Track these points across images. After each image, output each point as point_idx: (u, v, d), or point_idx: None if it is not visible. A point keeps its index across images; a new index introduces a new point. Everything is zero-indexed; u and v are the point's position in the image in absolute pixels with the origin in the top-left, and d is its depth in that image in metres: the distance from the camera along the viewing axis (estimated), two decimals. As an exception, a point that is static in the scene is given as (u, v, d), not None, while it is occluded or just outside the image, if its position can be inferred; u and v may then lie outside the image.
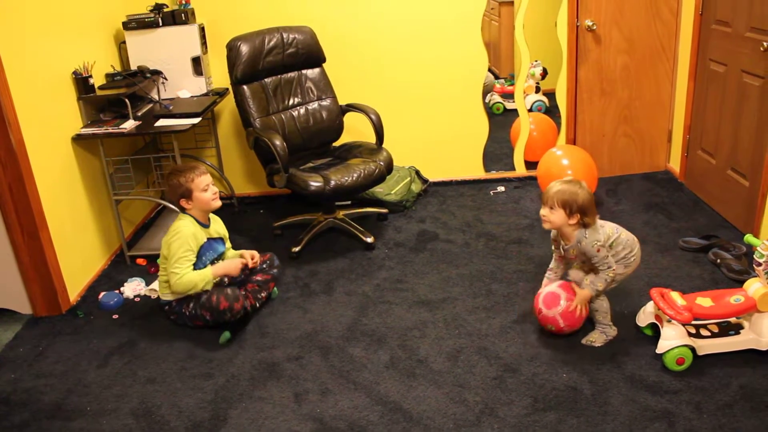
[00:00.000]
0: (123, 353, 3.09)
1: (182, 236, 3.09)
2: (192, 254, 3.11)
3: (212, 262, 3.25)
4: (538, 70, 5.67)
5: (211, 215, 3.30)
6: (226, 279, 3.27)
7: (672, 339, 2.67)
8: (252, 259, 3.33)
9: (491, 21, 6.68)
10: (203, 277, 3.11)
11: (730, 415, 2.44)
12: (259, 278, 3.35)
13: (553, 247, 3.01)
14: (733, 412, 2.46)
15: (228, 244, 3.42)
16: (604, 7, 4.33)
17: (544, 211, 2.82)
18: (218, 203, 3.22)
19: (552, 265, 3.05)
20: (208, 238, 3.23)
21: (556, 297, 2.89)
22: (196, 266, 3.15)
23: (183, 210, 3.19)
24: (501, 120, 5.76)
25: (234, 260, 3.27)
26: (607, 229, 2.84)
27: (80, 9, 3.80)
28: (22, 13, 3.27)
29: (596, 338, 2.92)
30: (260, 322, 3.25)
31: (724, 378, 2.63)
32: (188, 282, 3.08)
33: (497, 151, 5.05)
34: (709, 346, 2.73)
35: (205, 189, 3.15)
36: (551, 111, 5.37)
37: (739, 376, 2.64)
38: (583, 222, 2.78)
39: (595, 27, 4.35)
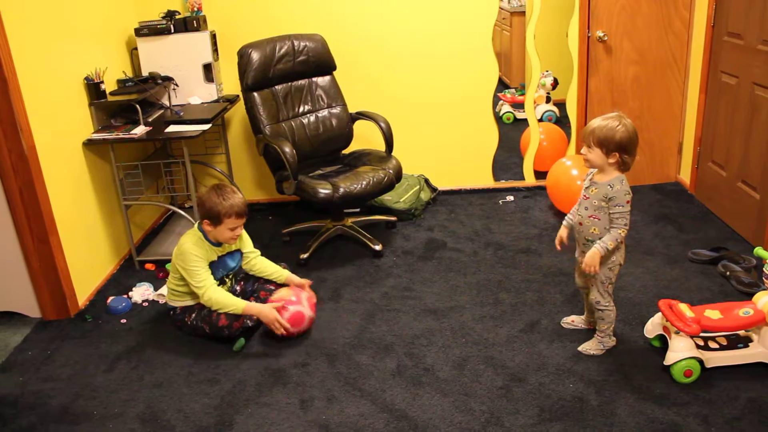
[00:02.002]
0: (130, 358, 3.10)
1: (187, 252, 3.07)
2: (204, 263, 3.10)
3: (222, 279, 3.24)
4: (549, 80, 5.67)
5: None
6: (249, 322, 3.10)
7: (680, 351, 2.65)
8: (304, 287, 3.27)
9: (502, 31, 6.70)
10: (234, 305, 3.06)
11: (738, 429, 2.42)
12: (272, 287, 3.35)
13: (584, 187, 2.80)
14: (741, 425, 2.44)
15: (249, 250, 3.35)
16: (616, 19, 4.33)
17: (583, 150, 2.71)
18: (234, 243, 3.21)
19: (575, 207, 2.86)
20: (220, 255, 3.22)
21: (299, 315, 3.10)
22: None
23: (200, 225, 3.16)
24: (511, 130, 5.77)
25: (271, 312, 3.06)
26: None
27: (93, 15, 3.84)
28: (35, 20, 3.31)
29: (592, 347, 2.90)
30: (267, 329, 3.24)
31: (733, 391, 2.61)
32: (216, 299, 3.05)
33: (507, 161, 5.05)
34: (718, 358, 2.71)
35: (233, 229, 3.10)
36: (561, 121, 5.37)
37: (748, 389, 2.62)
38: (622, 160, 2.63)
39: (606, 38, 4.35)
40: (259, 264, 3.36)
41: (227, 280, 3.31)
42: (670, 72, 4.46)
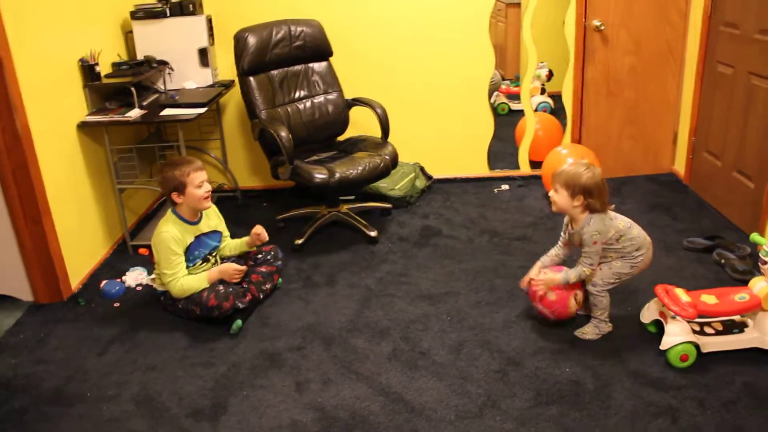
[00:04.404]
0: (124, 341, 3.08)
1: (163, 243, 3.08)
2: (178, 257, 3.10)
3: (205, 258, 3.24)
4: (544, 72, 5.66)
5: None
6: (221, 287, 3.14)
7: (676, 335, 2.66)
8: (259, 234, 3.31)
9: (498, 22, 6.68)
10: (199, 284, 3.10)
11: (733, 412, 2.43)
12: (263, 270, 3.34)
13: (562, 231, 2.96)
14: (737, 408, 2.45)
15: (225, 234, 3.40)
16: (613, 8, 4.33)
17: (551, 193, 2.81)
18: (209, 204, 3.19)
19: (553, 249, 3.01)
20: (198, 235, 3.21)
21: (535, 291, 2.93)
22: (186, 266, 3.14)
23: (173, 203, 3.15)
24: (506, 120, 5.75)
25: (230, 265, 3.21)
26: (617, 222, 2.79)
27: (88, -3, 3.80)
28: (31, 0, 3.28)
29: (588, 331, 2.91)
30: (262, 313, 3.24)
31: (728, 375, 2.62)
32: (183, 288, 3.08)
33: (502, 150, 5.03)
34: (713, 343, 2.72)
35: (200, 186, 3.10)
36: (556, 113, 5.36)
37: (743, 373, 2.63)
38: (588, 204, 2.73)
39: (603, 27, 4.35)
40: (230, 244, 3.40)
41: (211, 258, 3.30)
42: (666, 62, 4.46)
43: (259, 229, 3.32)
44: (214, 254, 3.32)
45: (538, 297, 2.90)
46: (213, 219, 3.32)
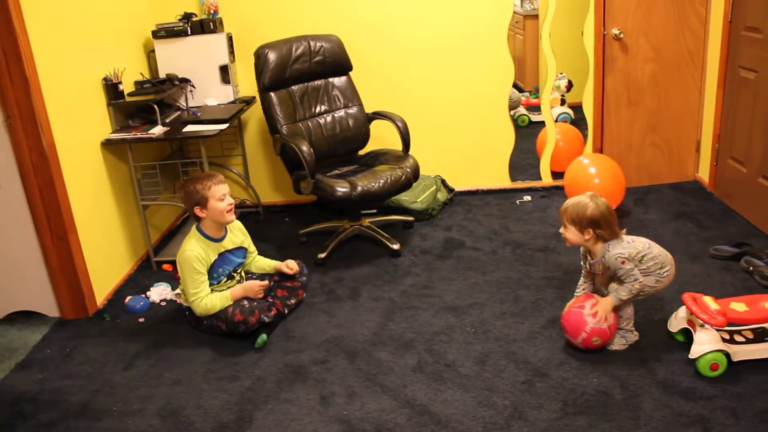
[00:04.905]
0: (149, 356, 3.10)
1: (187, 262, 3.08)
2: (202, 276, 3.11)
3: (230, 275, 3.25)
4: (564, 83, 5.64)
5: (232, 224, 3.28)
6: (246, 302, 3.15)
7: (706, 344, 2.61)
8: (291, 269, 3.34)
9: (516, 35, 6.69)
10: (222, 303, 3.11)
11: None
12: (288, 285, 3.35)
13: (582, 262, 2.98)
14: (771, 418, 2.40)
15: (252, 250, 3.41)
16: (632, 16, 4.31)
17: (561, 230, 2.85)
18: (232, 217, 3.18)
19: (580, 281, 3.01)
20: (223, 252, 3.22)
21: (579, 323, 2.80)
22: (211, 282, 3.16)
23: (197, 219, 3.16)
24: (526, 132, 5.73)
25: (253, 282, 3.22)
26: (637, 244, 2.79)
27: (111, 18, 3.86)
28: (56, 20, 3.33)
29: (614, 342, 2.87)
30: (286, 327, 3.24)
31: (761, 384, 2.57)
32: (207, 307, 3.09)
33: (523, 162, 5.02)
34: (744, 352, 2.66)
35: (221, 199, 3.10)
36: (577, 123, 5.33)
37: (777, 382, 2.58)
38: (597, 235, 2.75)
39: (622, 36, 4.33)
40: (258, 262, 3.41)
41: (235, 275, 3.30)
42: (687, 69, 4.43)
43: (293, 264, 3.35)
44: (238, 270, 3.33)
45: (582, 340, 2.82)
46: (238, 236, 3.32)
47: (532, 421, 2.48)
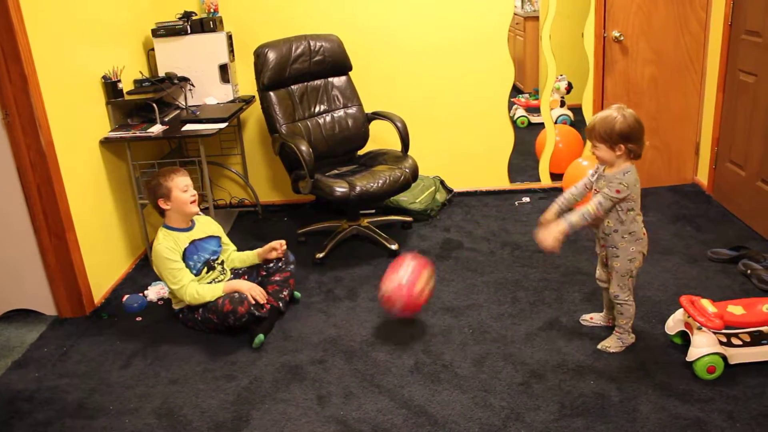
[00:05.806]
0: (146, 354, 3.09)
1: (159, 257, 3.11)
2: (178, 263, 3.12)
3: (208, 264, 3.25)
4: (563, 84, 5.65)
5: (200, 217, 3.31)
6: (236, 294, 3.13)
7: (703, 347, 2.61)
8: (280, 246, 3.33)
9: (516, 36, 6.69)
10: (213, 293, 3.11)
11: (764, 426, 2.38)
12: (277, 278, 3.35)
13: (590, 176, 2.82)
14: (768, 421, 2.40)
15: (225, 240, 3.41)
16: (632, 19, 4.31)
17: (591, 149, 2.71)
18: (196, 208, 3.21)
19: (571, 189, 2.85)
20: (193, 240, 3.22)
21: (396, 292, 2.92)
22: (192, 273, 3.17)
23: (162, 213, 3.19)
24: (525, 133, 5.74)
25: (246, 283, 3.19)
26: (637, 203, 2.68)
27: (111, 16, 3.86)
28: (55, 19, 3.33)
29: (612, 344, 2.87)
30: (283, 326, 3.23)
31: (758, 387, 2.57)
32: (197, 293, 3.09)
33: (522, 163, 5.02)
34: (741, 355, 2.67)
35: (185, 190, 3.14)
36: (576, 125, 5.34)
37: (774, 386, 2.58)
38: (629, 150, 2.62)
39: (622, 38, 4.33)
40: (241, 255, 3.42)
41: (216, 265, 3.30)
42: (687, 72, 4.43)
43: (278, 244, 3.33)
44: (217, 260, 3.32)
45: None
46: (209, 226, 3.35)
47: (529, 423, 2.47)
